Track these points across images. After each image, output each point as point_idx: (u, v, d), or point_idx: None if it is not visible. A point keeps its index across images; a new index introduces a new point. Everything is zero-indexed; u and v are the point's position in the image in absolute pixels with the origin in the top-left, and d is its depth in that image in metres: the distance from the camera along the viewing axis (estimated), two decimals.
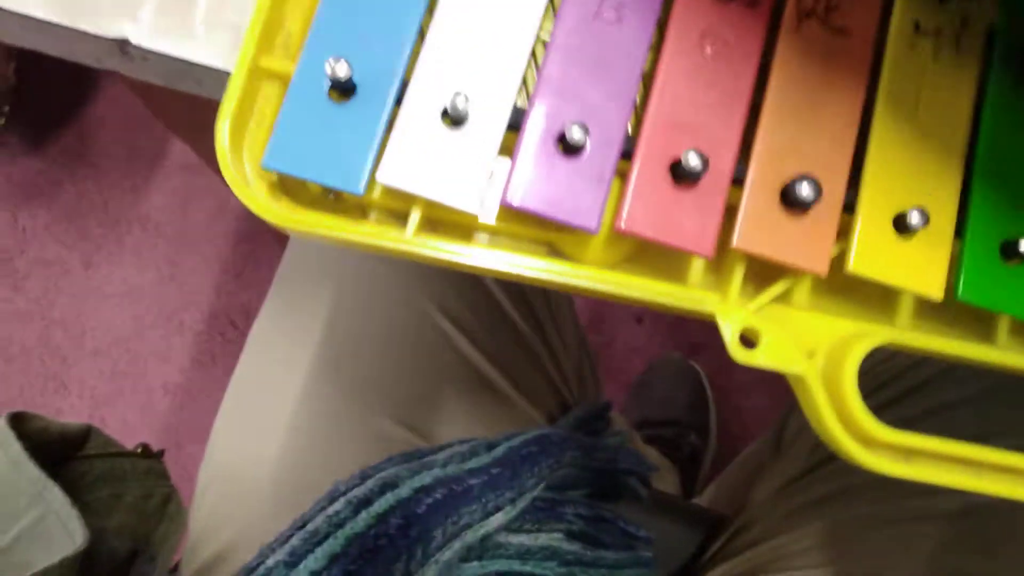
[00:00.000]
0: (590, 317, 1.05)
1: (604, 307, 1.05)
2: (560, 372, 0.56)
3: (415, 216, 0.26)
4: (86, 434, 0.44)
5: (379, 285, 0.47)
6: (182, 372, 1.06)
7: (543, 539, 0.40)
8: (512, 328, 0.51)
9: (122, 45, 0.29)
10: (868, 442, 0.25)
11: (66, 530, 0.36)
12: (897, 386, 0.48)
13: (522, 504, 0.38)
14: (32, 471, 0.36)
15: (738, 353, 0.25)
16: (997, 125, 0.27)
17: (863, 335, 0.26)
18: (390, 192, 0.28)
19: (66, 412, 1.04)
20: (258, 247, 1.10)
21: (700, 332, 1.02)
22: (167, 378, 1.06)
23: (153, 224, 1.11)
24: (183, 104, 0.53)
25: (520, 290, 0.51)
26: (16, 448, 0.36)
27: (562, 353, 0.56)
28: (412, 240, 0.26)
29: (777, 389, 1.00)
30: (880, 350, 0.52)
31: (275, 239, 1.06)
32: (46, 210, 1.12)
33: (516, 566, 0.38)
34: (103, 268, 1.10)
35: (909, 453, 0.25)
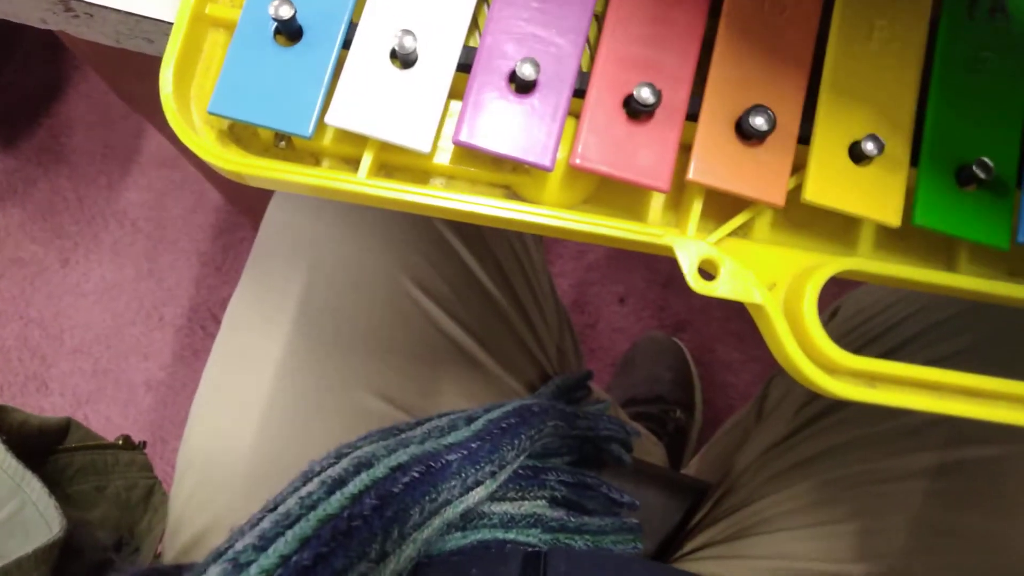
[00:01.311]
0: (573, 298, 1.05)
1: (587, 288, 1.05)
2: (540, 345, 0.55)
3: (367, 158, 0.26)
4: (66, 427, 0.44)
5: (352, 260, 0.46)
6: (164, 368, 1.05)
7: (527, 507, 0.40)
8: (490, 301, 0.50)
9: (66, 1, 0.29)
10: (831, 369, 0.25)
11: (44, 520, 0.36)
12: (881, 344, 0.47)
13: (503, 477, 0.37)
14: (10, 463, 0.36)
15: (697, 284, 0.25)
16: (950, 52, 0.27)
17: (823, 264, 0.26)
18: (341, 138, 0.27)
19: (48, 411, 1.03)
20: (236, 240, 1.09)
21: (684, 311, 1.02)
22: (149, 374, 1.05)
23: (130, 220, 1.10)
24: (147, 82, 0.52)
25: (497, 263, 0.51)
26: None
27: (542, 326, 0.56)
28: (365, 182, 0.25)
29: (760, 365, 1.00)
30: (864, 307, 0.52)
31: (254, 229, 1.05)
32: (20, 208, 1.11)
33: (500, 534, 0.37)
34: (80, 266, 1.09)
35: (872, 378, 0.25)
